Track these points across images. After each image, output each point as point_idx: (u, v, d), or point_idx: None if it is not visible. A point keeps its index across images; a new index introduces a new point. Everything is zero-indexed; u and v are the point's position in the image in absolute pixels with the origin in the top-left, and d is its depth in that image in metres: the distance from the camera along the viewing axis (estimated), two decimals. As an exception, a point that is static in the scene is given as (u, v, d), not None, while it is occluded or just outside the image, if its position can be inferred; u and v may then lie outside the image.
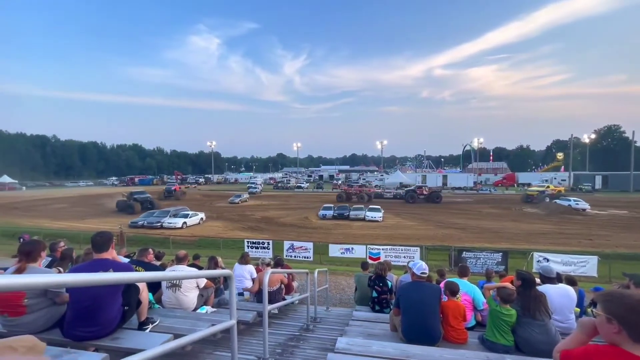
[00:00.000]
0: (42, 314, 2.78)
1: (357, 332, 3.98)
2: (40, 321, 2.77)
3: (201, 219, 27.23)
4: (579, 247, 17.63)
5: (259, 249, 16.62)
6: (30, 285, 1.20)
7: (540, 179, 61.94)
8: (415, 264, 3.80)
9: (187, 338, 1.97)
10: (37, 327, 2.73)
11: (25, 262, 2.83)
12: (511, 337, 3.37)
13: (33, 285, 1.14)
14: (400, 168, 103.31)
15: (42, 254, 2.99)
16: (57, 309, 2.88)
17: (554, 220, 27.77)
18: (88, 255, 4.39)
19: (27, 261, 2.83)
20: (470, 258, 13.96)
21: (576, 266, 13.20)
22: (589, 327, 1.59)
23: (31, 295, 2.70)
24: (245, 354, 3.21)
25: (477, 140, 75.50)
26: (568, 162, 64.38)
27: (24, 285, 1.30)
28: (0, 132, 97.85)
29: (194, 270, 5.32)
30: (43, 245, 3.08)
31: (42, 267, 3.31)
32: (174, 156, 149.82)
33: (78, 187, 77.66)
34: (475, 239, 20.74)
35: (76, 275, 1.44)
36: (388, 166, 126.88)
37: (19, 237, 12.80)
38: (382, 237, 21.17)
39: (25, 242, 3.05)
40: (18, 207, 37.39)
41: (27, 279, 1.10)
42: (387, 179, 65.24)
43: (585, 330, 1.61)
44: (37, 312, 2.75)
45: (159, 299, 4.57)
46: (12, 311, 2.69)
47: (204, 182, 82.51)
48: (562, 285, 4.26)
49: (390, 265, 6.94)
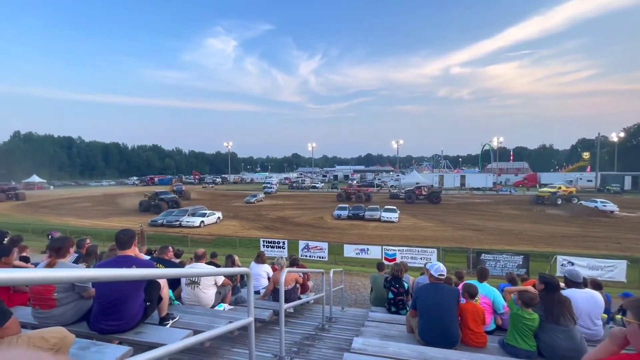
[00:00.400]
0: (70, 308, 2.92)
1: (373, 333, 3.96)
2: (69, 314, 2.91)
3: (218, 218, 27.76)
4: (606, 251, 16.84)
5: (275, 249, 16.77)
6: (63, 279, 1.27)
7: (564, 179, 59.47)
8: (432, 265, 3.75)
9: (206, 334, 2.01)
10: (66, 320, 2.86)
11: (56, 257, 2.97)
12: (533, 342, 3.26)
13: (66, 279, 1.20)
14: (416, 168, 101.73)
15: (70, 251, 3.14)
16: (84, 303, 3.01)
17: (579, 222, 26.63)
18: (112, 251, 4.57)
19: (57, 257, 2.98)
20: (489, 260, 13.58)
21: (603, 270, 12.62)
22: (620, 337, 1.52)
23: (60, 289, 2.83)
24: (262, 351, 3.25)
25: (497, 139, 73.16)
26: (595, 162, 61.55)
27: (57, 279, 1.37)
28: (30, 134, 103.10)
29: (212, 267, 5.42)
30: (71, 242, 3.23)
31: (70, 263, 3.47)
32: (192, 156, 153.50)
33: (101, 186, 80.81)
34: (495, 241, 20.17)
35: (103, 271, 1.51)
36: (404, 166, 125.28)
37: (47, 234, 13.47)
38: (397, 238, 20.92)
39: (55, 239, 3.21)
40: (46, 205, 39.26)
41: (60, 272, 1.16)
42: (403, 179, 64.43)
43: (616, 340, 1.54)
44: (65, 306, 2.89)
45: (179, 296, 4.70)
46: (43, 304, 2.83)
47: (220, 182, 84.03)
48: (588, 290, 4.09)
49: (407, 267, 6.86)
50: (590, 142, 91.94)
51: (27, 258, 5.56)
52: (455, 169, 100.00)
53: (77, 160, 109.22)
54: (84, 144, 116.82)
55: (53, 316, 2.83)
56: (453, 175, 71.24)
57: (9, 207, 36.79)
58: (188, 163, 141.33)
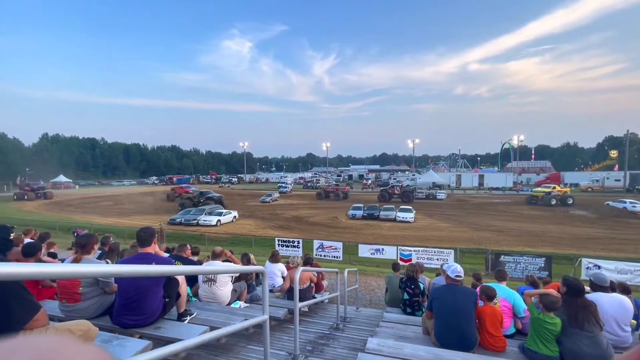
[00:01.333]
0: (94, 302, 3.04)
1: (388, 334, 3.93)
2: (93, 308, 3.03)
3: (234, 217, 28.20)
4: (636, 254, 16.01)
5: (289, 248, 16.87)
6: (87, 273, 1.32)
7: (589, 178, 56.94)
8: (449, 266, 3.68)
9: (222, 330, 2.05)
10: (90, 314, 2.99)
11: (81, 254, 3.10)
12: (556, 348, 3.14)
13: (89, 274, 1.25)
14: (433, 167, 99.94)
15: (94, 247, 3.27)
16: (107, 298, 3.13)
17: (606, 224, 25.44)
18: (134, 248, 4.73)
19: (82, 253, 3.11)
20: (509, 262, 13.18)
21: (632, 275, 12.01)
22: None
23: (85, 284, 2.96)
24: (277, 349, 3.28)
25: (517, 137, 70.87)
26: (623, 160, 58.60)
27: (82, 274, 1.43)
28: (57, 136, 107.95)
29: (229, 265, 5.52)
30: (96, 239, 3.37)
31: (94, 259, 3.61)
32: (209, 156, 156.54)
33: (123, 186, 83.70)
34: (515, 242, 19.56)
35: (124, 266, 1.56)
36: (420, 165, 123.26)
37: (72, 232, 14.06)
38: (413, 238, 20.62)
39: (81, 236, 3.35)
40: (72, 204, 41.00)
41: (85, 268, 1.21)
42: (419, 178, 63.30)
43: None
44: (90, 300, 3.01)
45: (196, 293, 4.81)
46: (69, 298, 2.97)
47: (237, 182, 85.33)
48: (616, 294, 3.91)
49: (423, 268, 6.76)
50: (618, 139, 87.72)
51: (54, 254, 5.84)
52: (473, 168, 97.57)
53: (100, 161, 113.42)
54: (106, 145, 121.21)
55: (78, 309, 2.96)
56: (471, 175, 69.44)
57: (37, 206, 38.69)
58: (205, 163, 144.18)
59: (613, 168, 68.65)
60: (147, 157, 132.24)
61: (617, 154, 72.54)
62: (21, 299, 1.92)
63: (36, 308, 1.98)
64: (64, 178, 73.94)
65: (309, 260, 7.63)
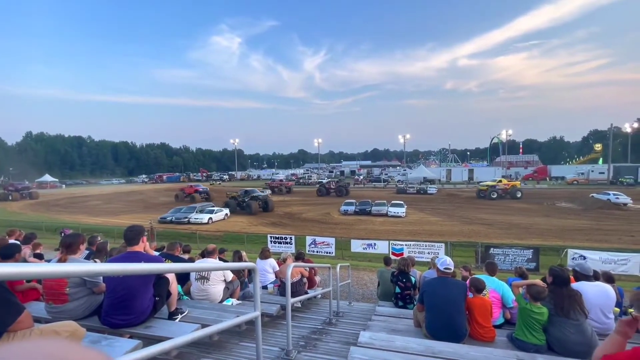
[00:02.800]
0: (82, 302, 2.98)
1: (380, 327, 3.97)
2: (81, 309, 2.98)
3: (226, 215, 28.00)
4: (619, 244, 16.51)
5: (282, 244, 16.85)
6: (71, 273, 1.29)
7: (575, 171, 58.35)
8: (439, 259, 3.73)
9: (213, 327, 2.04)
10: (78, 315, 2.93)
11: (66, 254, 3.04)
12: (542, 336, 3.23)
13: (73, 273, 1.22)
14: (424, 162, 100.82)
15: (81, 247, 3.20)
16: (95, 298, 3.08)
17: (591, 215, 26.13)
18: (124, 247, 4.65)
19: (67, 253, 3.04)
20: (498, 254, 13.44)
21: (616, 264, 12.37)
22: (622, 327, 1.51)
23: (72, 284, 2.90)
24: (270, 345, 3.28)
25: (506, 132, 71.98)
26: (607, 154, 60.14)
27: (65, 273, 1.39)
28: (42, 134, 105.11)
29: (220, 262, 5.48)
30: (82, 239, 3.30)
31: (81, 259, 3.54)
32: (199, 154, 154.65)
33: (111, 184, 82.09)
34: (504, 235, 19.93)
35: (110, 265, 1.53)
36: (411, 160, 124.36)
37: (59, 232, 13.76)
38: (404, 232, 20.83)
39: (67, 235, 3.28)
40: (59, 204, 40.07)
41: (68, 267, 1.18)
42: (410, 173, 63.89)
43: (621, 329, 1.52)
44: (77, 301, 2.96)
45: (188, 291, 4.77)
46: (56, 299, 2.90)
47: (228, 179, 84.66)
48: (600, 283, 4.03)
49: (414, 261, 6.84)
50: (603, 133, 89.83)
51: (40, 255, 5.70)
52: (463, 163, 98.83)
53: (88, 160, 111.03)
54: (93, 143, 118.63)
55: (66, 311, 2.90)
56: (461, 169, 70.46)
57: (23, 206, 37.68)
58: (196, 160, 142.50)
59: (598, 161, 70.43)
60: (136, 155, 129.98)
61: (602, 147, 74.35)
62: (3, 300, 1.87)
63: (19, 310, 1.93)
64: (49, 177, 72.17)
65: (301, 255, 7.65)
